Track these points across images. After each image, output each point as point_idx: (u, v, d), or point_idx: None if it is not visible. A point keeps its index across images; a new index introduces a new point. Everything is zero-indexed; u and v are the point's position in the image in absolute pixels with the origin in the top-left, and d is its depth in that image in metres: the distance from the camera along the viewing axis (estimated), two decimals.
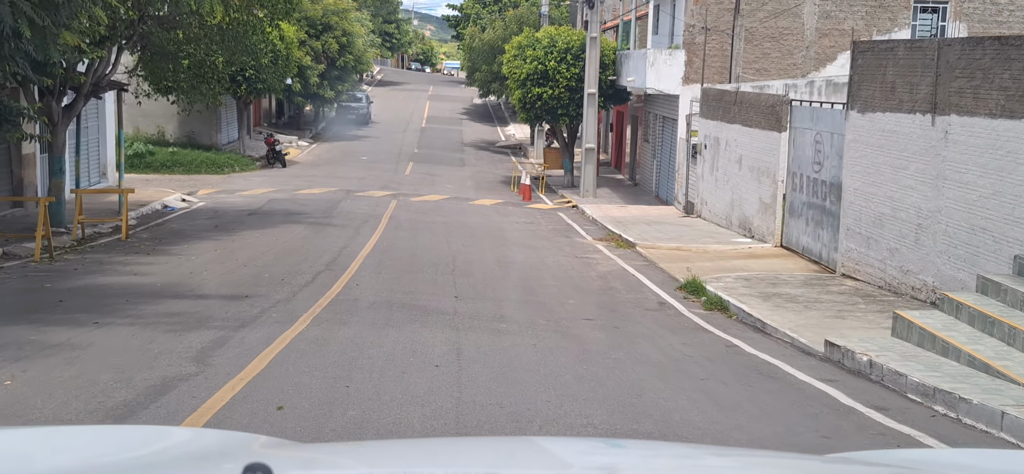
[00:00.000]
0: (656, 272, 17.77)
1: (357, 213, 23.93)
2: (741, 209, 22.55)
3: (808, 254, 18.91)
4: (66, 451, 2.43)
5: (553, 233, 22.95)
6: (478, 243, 20.20)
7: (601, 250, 20.48)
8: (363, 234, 20.24)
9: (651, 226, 24.11)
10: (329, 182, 30.94)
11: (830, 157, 18.01)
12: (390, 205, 26.12)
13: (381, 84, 76.30)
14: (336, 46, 42.84)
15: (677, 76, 28.30)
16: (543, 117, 33.16)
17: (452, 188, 32.14)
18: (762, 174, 21.23)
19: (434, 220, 23.66)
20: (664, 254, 19.90)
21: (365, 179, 32.53)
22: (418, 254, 17.94)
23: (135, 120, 35.94)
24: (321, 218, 22.63)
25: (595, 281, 16.41)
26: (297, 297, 12.56)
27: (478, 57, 46.56)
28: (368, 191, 29.12)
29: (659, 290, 15.80)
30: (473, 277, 15.67)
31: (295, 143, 41.67)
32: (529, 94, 32.37)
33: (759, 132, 21.43)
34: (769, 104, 20.88)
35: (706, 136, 25.41)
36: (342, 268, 15.45)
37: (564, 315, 12.80)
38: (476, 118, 60.04)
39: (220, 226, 20.79)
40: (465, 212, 25.98)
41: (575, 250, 20.27)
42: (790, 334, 11.94)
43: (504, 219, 25.00)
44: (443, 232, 21.57)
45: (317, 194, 27.69)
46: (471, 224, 23.41)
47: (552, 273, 16.90)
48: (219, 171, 32.35)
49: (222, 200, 25.90)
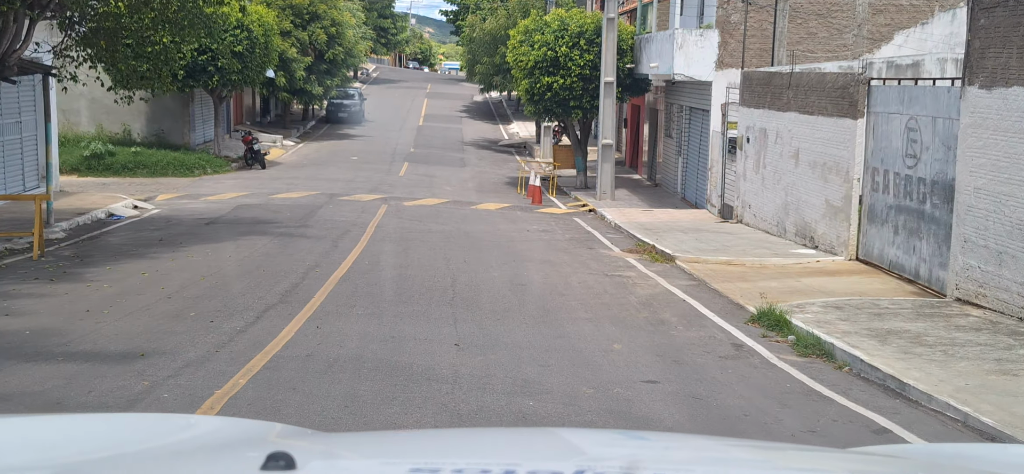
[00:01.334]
0: (710, 295, 13.77)
1: (338, 221, 19.91)
2: (799, 213, 18.52)
3: (898, 270, 14.88)
4: (89, 439, 2.38)
5: (572, 243, 18.92)
6: (484, 258, 16.19)
7: (634, 265, 16.46)
8: (341, 249, 16.22)
9: (687, 234, 20.09)
10: (312, 185, 26.93)
11: (932, 148, 13.98)
12: (379, 211, 22.11)
13: (377, 82, 72.13)
14: (324, 37, 38.80)
15: (710, 60, 24.27)
16: (553, 110, 29.14)
17: (452, 191, 28.12)
18: (828, 171, 17.20)
19: (430, 229, 19.65)
20: (713, 270, 15.89)
21: (353, 181, 28.52)
22: (408, 276, 13.93)
23: (97, 117, 31.95)
24: (293, 228, 18.61)
25: (638, 311, 12.39)
26: (220, 354, 8.57)
27: (478, 49, 42.52)
28: (355, 195, 25.11)
29: (725, 323, 11.80)
30: (479, 309, 11.66)
31: (279, 142, 37.66)
32: (537, 84, 28.35)
33: (824, 120, 17.41)
34: (839, 85, 16.85)
35: (748, 128, 21.39)
36: (302, 300, 11.45)
37: (614, 374, 8.80)
38: (477, 116, 56.00)
39: (167, 240, 16.77)
40: (467, 218, 21.96)
41: (603, 265, 16.25)
42: (959, 407, 7.88)
43: (513, 227, 20.98)
44: (441, 244, 17.56)
45: (295, 199, 23.68)
46: (474, 234, 19.40)
47: (581, 299, 12.88)
48: (188, 173, 28.34)
49: (182, 207, 21.88)
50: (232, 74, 29.26)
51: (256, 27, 29.70)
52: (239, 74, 29.44)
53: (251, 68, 29.89)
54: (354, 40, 41.31)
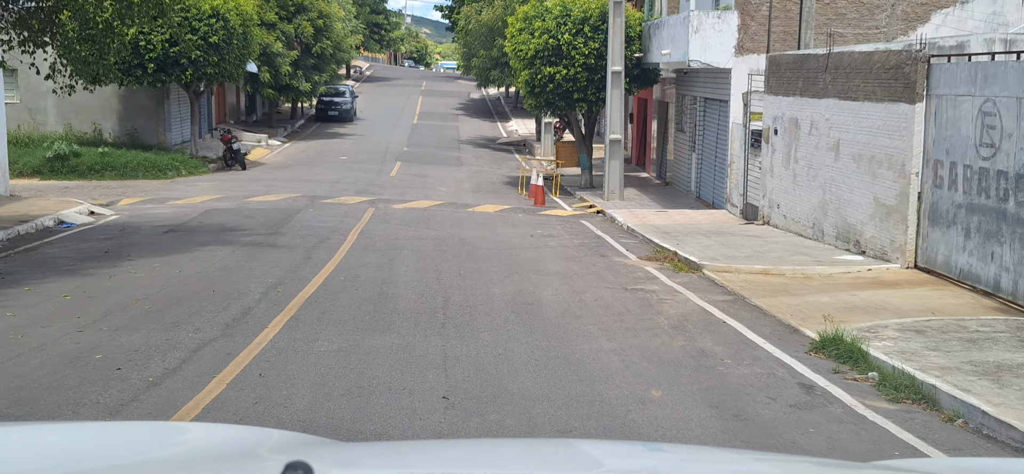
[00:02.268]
0: (753, 314, 11.37)
1: (316, 228, 17.49)
2: (840, 214, 16.12)
3: (970, 281, 12.47)
4: (100, 447, 2.33)
5: (582, 250, 16.52)
6: (481, 271, 13.79)
7: (656, 276, 14.06)
8: (314, 261, 13.81)
9: (709, 238, 17.69)
10: (294, 186, 24.50)
11: (1016, 136, 11.57)
12: (364, 215, 19.69)
13: (371, 80, 69.57)
14: (311, 30, 36.34)
15: (728, 45, 21.87)
16: (555, 104, 26.71)
17: (446, 192, 25.70)
18: (878, 164, 14.81)
19: (421, 235, 17.24)
20: (748, 282, 13.49)
21: (339, 182, 26.09)
22: (389, 296, 11.51)
23: (66, 116, 29.51)
24: (263, 236, 16.19)
25: (671, 336, 9.98)
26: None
27: (475, 41, 40.09)
28: (340, 197, 22.68)
29: (782, 353, 9.41)
30: (476, 339, 9.26)
31: (264, 142, 35.21)
32: (538, 75, 25.94)
33: (872, 106, 15.00)
34: (891, 65, 14.43)
35: (776, 118, 18.99)
36: (251, 332, 9.05)
37: (659, 439, 6.37)
38: (474, 113, 53.55)
39: (114, 251, 14.35)
40: (462, 222, 19.55)
41: (620, 277, 13.85)
42: None
43: (514, 231, 18.57)
44: (432, 254, 15.16)
45: (273, 202, 21.26)
46: (471, 240, 16.99)
47: (600, 322, 10.48)
48: (160, 175, 25.90)
49: (145, 212, 19.45)
50: (207, 67, 26.81)
51: (233, 16, 27.25)
52: (215, 67, 27.00)
53: (228, 61, 27.45)
54: (343, 33, 38.82)
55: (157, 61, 26.27)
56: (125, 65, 26.16)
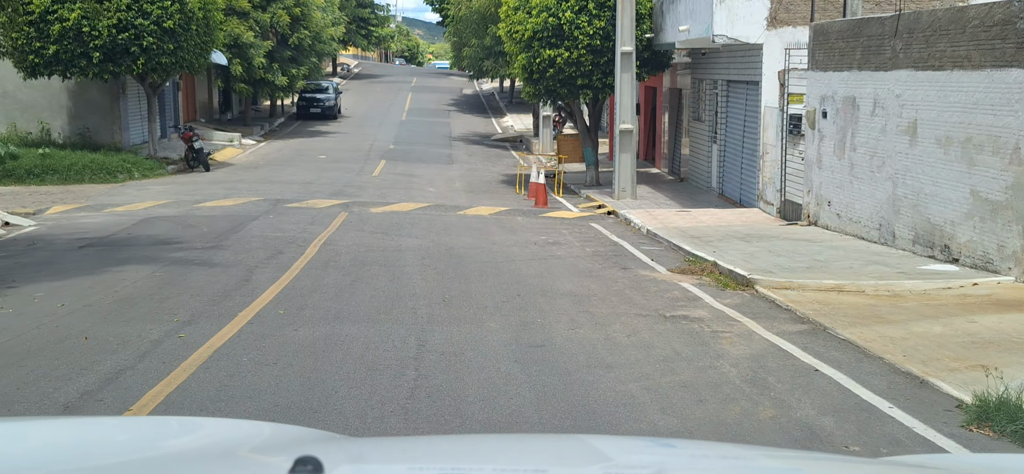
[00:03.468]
0: (849, 354, 8.10)
1: (272, 237, 14.17)
2: (920, 212, 12.81)
3: None
4: (106, 443, 2.32)
5: (599, 261, 13.20)
6: (472, 293, 10.47)
7: (697, 295, 10.77)
8: (253, 284, 10.48)
9: (749, 243, 14.40)
10: (260, 189, 21.14)
11: None
12: (334, 221, 16.37)
13: (358, 77, 65.93)
14: (287, 19, 32.94)
15: (759, 16, 18.55)
16: (556, 91, 23.36)
17: (435, 193, 22.37)
18: (977, 149, 11.51)
19: (399, 246, 13.93)
20: (821, 302, 10.20)
21: (313, 184, 22.75)
22: (340, 338, 8.17)
23: (10, 115, 26.15)
24: (200, 251, 12.85)
25: (755, 404, 6.69)
26: None
27: (465, 29, 36.71)
28: (310, 200, 19.33)
29: (923, 426, 6.29)
30: (463, 422, 5.92)
31: (237, 141, 31.79)
32: (537, 59, 22.60)
33: (966, 76, 11.70)
34: (996, 19, 11.12)
35: (825, 98, 15.69)
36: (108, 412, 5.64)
37: None
38: (466, 109, 50.12)
39: (2, 272, 10.98)
40: (452, 228, 16.22)
41: (652, 297, 10.55)
42: None
43: (513, 238, 15.26)
44: (410, 271, 11.85)
45: (228, 208, 17.90)
46: (461, 251, 13.68)
47: (645, 378, 7.17)
48: (110, 179, 22.54)
49: (73, 221, 16.11)
50: (162, 56, 23.41)
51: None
52: (171, 56, 23.60)
53: (187, 49, 24.06)
54: (323, 23, 35.40)
55: (103, 49, 22.89)
56: (67, 55, 22.78)
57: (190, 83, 34.27)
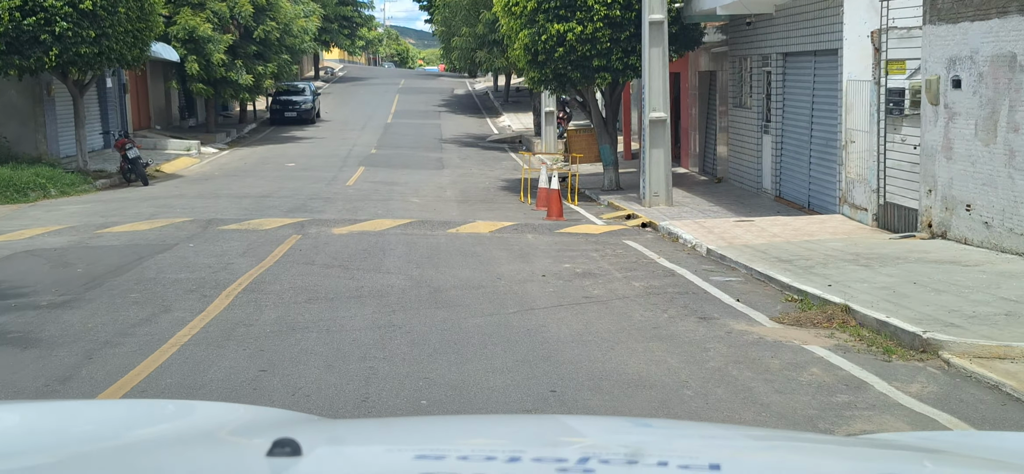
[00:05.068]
0: None
1: (172, 281, 9.51)
2: None
3: None
4: (85, 426, 2.27)
5: (659, 305, 8.58)
6: (470, 384, 5.95)
7: (849, 371, 6.20)
8: (76, 386, 5.74)
9: (869, 268, 9.82)
10: (198, 206, 16.46)
11: None
12: (278, 248, 11.72)
13: (343, 80, 61.01)
14: (250, 9, 28.23)
15: None
16: (566, 76, 18.66)
17: (420, 204, 17.70)
18: None
19: (359, 288, 9.30)
20: None
21: (270, 197, 18.08)
22: None
23: None
24: (43, 308, 8.24)
25: None
26: None
27: (455, 17, 32.00)
28: (256, 219, 14.65)
29: None
30: None
31: (195, 150, 27.03)
32: (543, 36, 17.95)
33: None
34: None
35: (956, 60, 11.06)
36: None
37: None
38: (459, 110, 45.37)
39: None
40: (438, 255, 11.56)
41: (781, 385, 5.97)
42: None
43: (526, 268, 10.62)
44: (370, 337, 7.28)
45: (141, 233, 13.22)
46: (451, 293, 9.07)
47: None
48: (19, 198, 17.84)
49: None
50: (81, 45, 18.66)
51: None
52: (93, 46, 18.86)
53: (114, 37, 19.33)
54: (293, 14, 30.65)
55: (6, 38, 18.18)
56: None
57: (141, 85, 29.53)
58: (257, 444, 1.81)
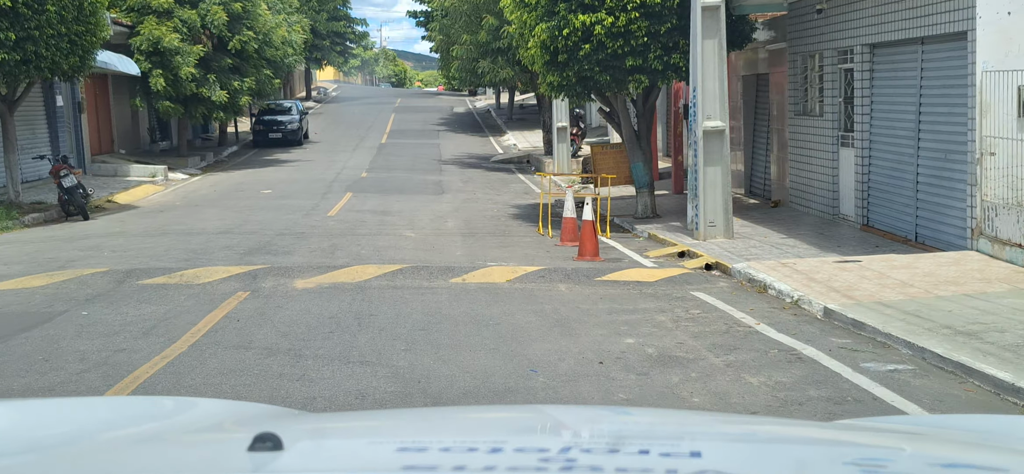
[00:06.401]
0: None
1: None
2: None
3: None
4: (68, 423, 2.18)
5: (790, 413, 4.70)
6: None
7: None
8: None
9: None
10: (131, 250, 12.78)
11: None
12: (205, 319, 8.02)
13: (336, 100, 57.12)
14: (224, 17, 24.62)
15: None
16: (593, 79, 14.98)
17: (416, 240, 14.02)
18: None
19: (310, 395, 5.72)
20: None
21: (229, 234, 14.41)
22: None
23: None
24: None
25: None
26: None
27: (455, 23, 28.37)
28: (199, 267, 10.97)
29: None
30: None
31: (161, 176, 23.37)
32: (564, 30, 14.32)
33: None
34: None
35: None
36: None
37: None
38: (459, 128, 41.70)
39: None
40: (438, 328, 7.88)
41: None
42: None
43: (571, 346, 6.95)
44: None
45: (25, 293, 9.54)
46: (458, 404, 5.17)
47: None
48: None
49: None
50: None
51: None
52: (16, 51, 15.19)
53: (46, 42, 15.66)
54: (272, 23, 27.02)
55: None
56: None
57: (103, 103, 25.88)
58: (239, 438, 1.77)
